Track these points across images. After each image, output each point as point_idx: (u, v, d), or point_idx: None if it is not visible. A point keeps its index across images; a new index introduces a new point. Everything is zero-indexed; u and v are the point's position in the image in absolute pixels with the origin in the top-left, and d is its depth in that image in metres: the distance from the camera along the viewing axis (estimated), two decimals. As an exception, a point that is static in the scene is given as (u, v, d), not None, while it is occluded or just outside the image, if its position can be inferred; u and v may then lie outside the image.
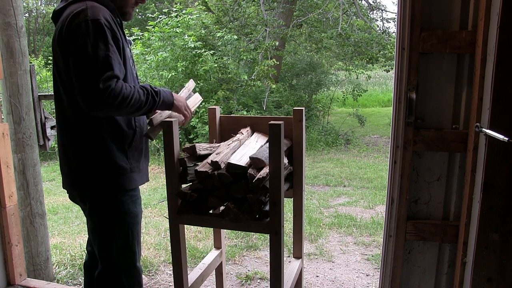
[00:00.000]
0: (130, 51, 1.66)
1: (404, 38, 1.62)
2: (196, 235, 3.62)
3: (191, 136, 7.50)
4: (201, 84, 7.62)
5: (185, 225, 1.61)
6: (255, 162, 1.43)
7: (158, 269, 2.96)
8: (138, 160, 1.60)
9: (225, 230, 2.48)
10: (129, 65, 1.54)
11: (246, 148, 1.59)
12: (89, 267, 1.79)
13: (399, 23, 1.63)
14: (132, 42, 1.81)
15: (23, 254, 2.53)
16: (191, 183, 1.51)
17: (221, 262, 2.06)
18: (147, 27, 8.46)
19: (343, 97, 11.07)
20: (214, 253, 2.00)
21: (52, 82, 1.58)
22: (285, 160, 1.58)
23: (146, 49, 8.10)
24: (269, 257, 1.76)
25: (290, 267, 1.82)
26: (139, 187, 1.66)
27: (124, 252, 1.61)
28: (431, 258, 1.80)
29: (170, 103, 1.57)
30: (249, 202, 1.41)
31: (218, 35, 8.22)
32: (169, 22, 7.98)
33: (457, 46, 1.58)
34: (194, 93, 1.86)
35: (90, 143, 1.50)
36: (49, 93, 2.86)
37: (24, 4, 15.20)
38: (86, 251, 1.84)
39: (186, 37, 7.69)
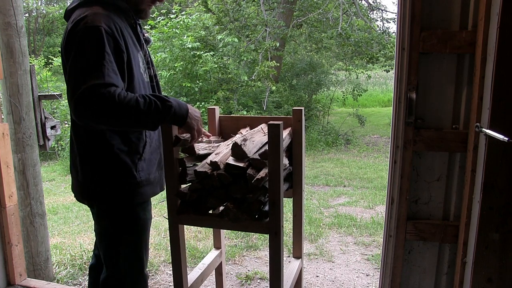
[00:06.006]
0: (148, 52, 1.56)
1: (404, 38, 1.62)
2: (196, 235, 3.62)
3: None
4: (201, 84, 7.62)
5: (184, 225, 1.61)
6: (254, 163, 1.43)
7: (158, 269, 2.96)
8: (149, 173, 1.54)
9: (225, 230, 2.47)
10: (138, 73, 1.44)
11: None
12: (95, 270, 1.73)
13: (399, 23, 1.63)
14: (151, 39, 1.72)
15: (23, 254, 2.53)
16: (190, 184, 1.50)
17: (221, 262, 2.06)
18: (146, 27, 8.46)
19: (343, 97, 11.06)
20: (214, 253, 2.00)
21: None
22: (286, 161, 1.58)
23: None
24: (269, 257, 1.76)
25: (290, 267, 1.82)
26: None
27: (131, 259, 1.57)
28: (431, 258, 1.80)
29: (181, 117, 1.39)
30: (248, 202, 1.40)
31: (219, 37, 8.21)
32: (168, 23, 7.98)
33: (457, 46, 1.58)
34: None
35: (99, 155, 1.45)
36: (49, 93, 2.86)
37: (24, 4, 15.20)
38: (93, 254, 1.79)
39: (185, 37, 7.69)
